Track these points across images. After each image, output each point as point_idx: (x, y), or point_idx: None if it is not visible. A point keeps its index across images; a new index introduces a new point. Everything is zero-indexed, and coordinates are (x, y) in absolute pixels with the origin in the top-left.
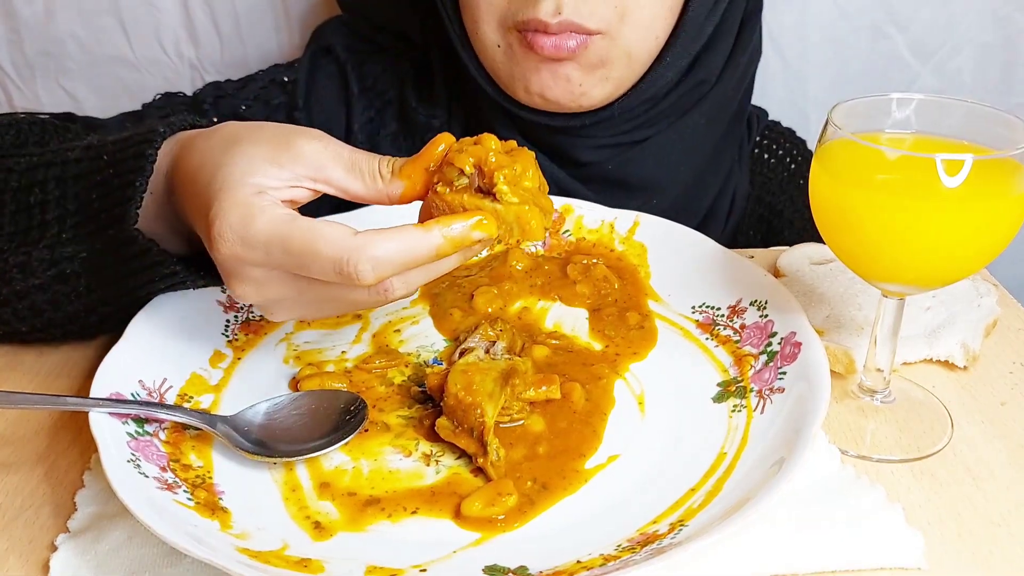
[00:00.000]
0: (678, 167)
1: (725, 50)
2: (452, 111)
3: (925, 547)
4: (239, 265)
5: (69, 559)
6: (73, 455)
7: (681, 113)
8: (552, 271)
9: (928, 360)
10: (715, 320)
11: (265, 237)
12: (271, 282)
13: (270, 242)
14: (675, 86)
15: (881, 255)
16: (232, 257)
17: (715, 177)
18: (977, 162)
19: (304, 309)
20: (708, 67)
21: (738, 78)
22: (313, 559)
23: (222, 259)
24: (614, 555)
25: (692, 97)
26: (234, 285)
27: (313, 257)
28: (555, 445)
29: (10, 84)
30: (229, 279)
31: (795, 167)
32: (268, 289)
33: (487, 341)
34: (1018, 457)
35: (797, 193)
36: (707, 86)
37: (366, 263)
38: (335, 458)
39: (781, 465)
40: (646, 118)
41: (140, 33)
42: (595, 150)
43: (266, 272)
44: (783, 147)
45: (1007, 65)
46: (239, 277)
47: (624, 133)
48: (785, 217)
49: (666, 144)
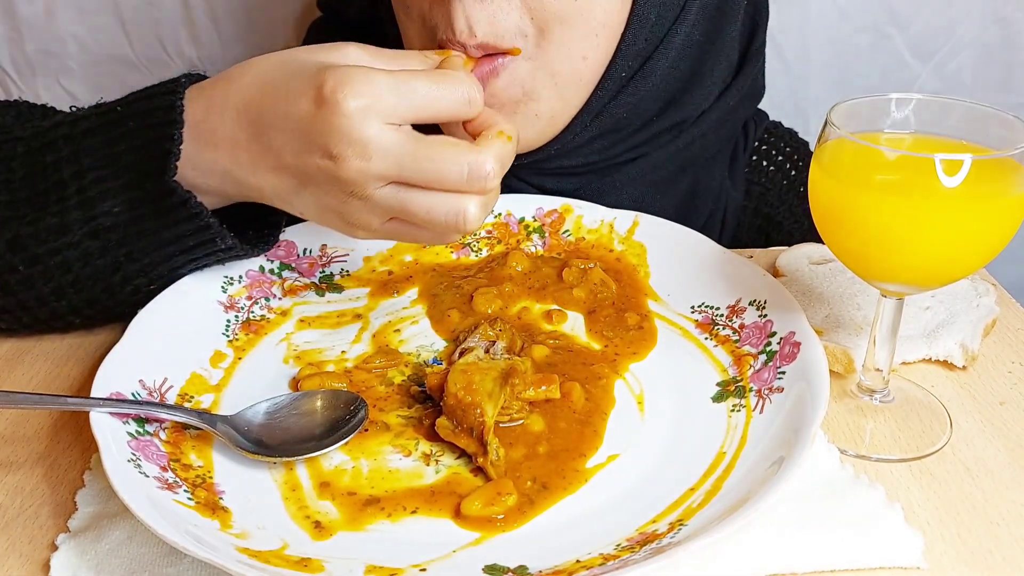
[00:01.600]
0: (656, 198)
1: (708, 93)
2: None
3: (924, 547)
4: (364, 123)
5: (69, 558)
6: (73, 455)
7: (655, 148)
8: (549, 274)
9: (927, 360)
10: (714, 320)
11: (404, 110)
12: (385, 155)
13: (386, 78)
14: (645, 125)
15: (880, 255)
16: (360, 112)
17: (704, 200)
18: (976, 162)
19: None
20: (685, 109)
21: (724, 118)
22: (313, 559)
23: (348, 112)
24: (614, 554)
25: (666, 135)
26: (344, 147)
27: (445, 144)
28: (555, 445)
29: (10, 83)
30: (341, 140)
31: (795, 174)
32: (377, 160)
33: (487, 341)
34: (1017, 457)
35: (796, 202)
36: (685, 126)
37: (492, 159)
38: (335, 458)
39: (780, 465)
40: (613, 151)
41: (140, 32)
42: (559, 178)
43: (386, 141)
44: (783, 152)
45: (1007, 65)
46: (358, 138)
47: (588, 164)
48: (785, 228)
49: (638, 175)
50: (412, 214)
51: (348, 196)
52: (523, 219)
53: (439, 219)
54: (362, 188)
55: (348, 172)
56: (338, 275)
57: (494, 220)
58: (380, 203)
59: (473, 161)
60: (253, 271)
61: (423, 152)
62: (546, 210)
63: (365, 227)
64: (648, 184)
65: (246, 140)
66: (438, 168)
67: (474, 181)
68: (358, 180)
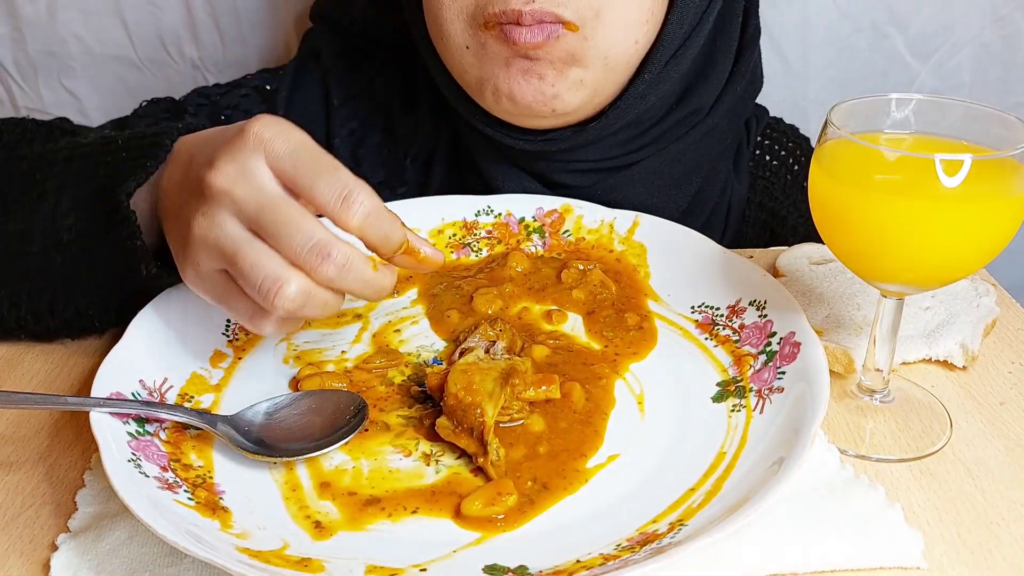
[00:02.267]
0: (669, 191)
1: (719, 80)
2: (436, 123)
3: (925, 546)
4: (254, 153)
5: (70, 559)
6: (74, 455)
7: (672, 140)
8: (548, 275)
9: (927, 360)
10: (714, 320)
11: (301, 133)
12: (253, 188)
13: (303, 139)
14: (667, 114)
15: (880, 255)
16: (255, 137)
17: (710, 194)
18: (976, 162)
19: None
20: (701, 96)
21: (733, 107)
22: (313, 559)
23: (248, 136)
24: (614, 554)
25: (683, 126)
26: (226, 161)
27: (332, 166)
28: (556, 445)
29: (12, 83)
30: (227, 155)
31: (798, 168)
32: (244, 187)
33: (487, 341)
34: (1017, 457)
35: (801, 197)
36: (700, 115)
37: (367, 193)
38: (335, 458)
39: (780, 465)
40: (633, 145)
41: (142, 33)
42: (579, 174)
43: (262, 179)
44: (785, 147)
45: (1006, 65)
46: (242, 160)
47: (609, 159)
48: (789, 223)
49: (655, 170)
50: (240, 261)
51: (202, 209)
52: (523, 219)
53: (258, 277)
54: (217, 206)
55: (215, 180)
56: None
57: (494, 220)
58: (221, 234)
59: (323, 240)
60: None
61: (286, 208)
62: (546, 210)
63: (193, 262)
64: (662, 179)
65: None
66: (288, 228)
67: (311, 257)
68: (217, 195)
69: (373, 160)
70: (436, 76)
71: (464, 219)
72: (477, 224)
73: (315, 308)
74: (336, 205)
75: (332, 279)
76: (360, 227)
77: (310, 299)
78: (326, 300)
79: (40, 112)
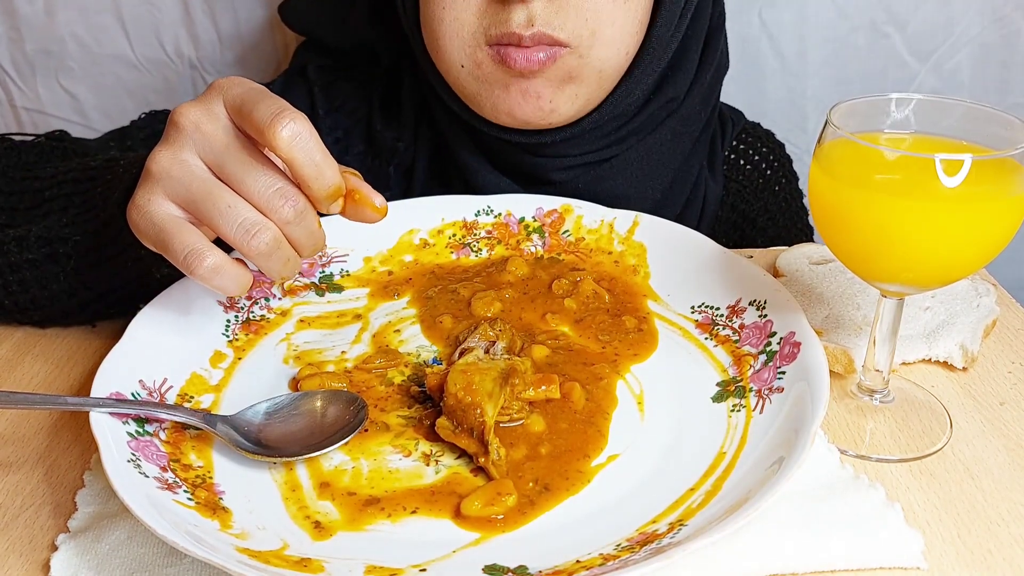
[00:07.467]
0: (647, 182)
1: (691, 68)
2: (418, 133)
3: (924, 547)
4: (219, 90)
5: (69, 559)
6: (73, 455)
7: (650, 130)
8: (544, 282)
9: (927, 360)
10: (714, 320)
11: (258, 85)
12: (217, 129)
13: (259, 86)
14: (645, 104)
15: (880, 255)
16: (217, 86)
17: (683, 186)
18: (976, 162)
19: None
20: (676, 85)
21: (704, 93)
22: (313, 559)
23: (211, 87)
24: (613, 554)
25: (660, 115)
26: (192, 107)
27: (275, 98)
28: (558, 445)
29: (10, 83)
30: (192, 102)
31: (771, 173)
32: (209, 125)
33: (487, 341)
34: (1017, 457)
35: (771, 200)
36: (675, 103)
37: (300, 118)
38: (335, 458)
39: (780, 465)
40: (616, 136)
41: (140, 32)
42: (564, 170)
43: (226, 122)
44: (759, 152)
45: (1005, 65)
46: (207, 99)
47: (593, 152)
48: (758, 225)
49: (634, 160)
50: (217, 200)
51: (166, 144)
52: (523, 219)
53: (236, 218)
54: (181, 141)
55: (181, 118)
56: (338, 275)
57: (494, 220)
58: (186, 171)
59: (285, 185)
60: (253, 270)
61: (250, 151)
62: (546, 210)
63: (146, 196)
64: (640, 170)
65: None
66: (254, 171)
67: (275, 198)
68: (183, 130)
69: (358, 168)
70: (434, 82)
71: (464, 219)
72: (477, 224)
73: (278, 261)
74: (267, 123)
75: (289, 221)
76: (288, 146)
77: (279, 249)
78: (288, 256)
79: (38, 111)
